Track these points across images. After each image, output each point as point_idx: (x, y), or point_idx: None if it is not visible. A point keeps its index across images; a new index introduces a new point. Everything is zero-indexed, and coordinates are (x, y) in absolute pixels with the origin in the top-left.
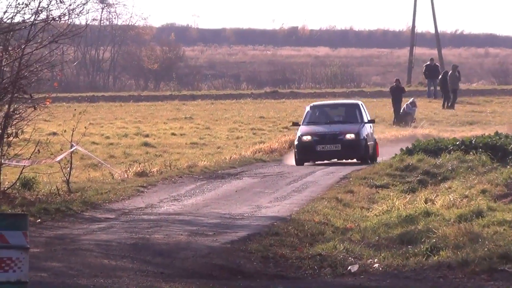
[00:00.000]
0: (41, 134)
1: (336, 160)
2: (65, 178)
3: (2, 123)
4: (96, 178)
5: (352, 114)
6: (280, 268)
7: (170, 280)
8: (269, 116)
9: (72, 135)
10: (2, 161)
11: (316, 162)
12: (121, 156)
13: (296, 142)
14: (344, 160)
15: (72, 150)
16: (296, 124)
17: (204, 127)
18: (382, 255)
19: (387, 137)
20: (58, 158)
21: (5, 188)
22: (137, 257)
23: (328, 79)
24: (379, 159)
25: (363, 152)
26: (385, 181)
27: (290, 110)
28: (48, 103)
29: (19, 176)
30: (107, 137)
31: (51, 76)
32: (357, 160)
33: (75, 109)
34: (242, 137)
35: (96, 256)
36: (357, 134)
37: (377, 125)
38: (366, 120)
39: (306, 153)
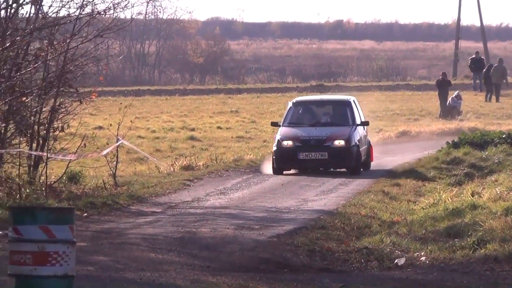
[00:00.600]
0: (87, 128)
1: (322, 169)
2: (111, 172)
3: (48, 117)
4: (142, 172)
5: (342, 114)
6: (326, 261)
7: (217, 274)
8: None
9: (118, 129)
10: (49, 155)
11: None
12: (167, 150)
13: (274, 148)
14: (332, 169)
15: (118, 144)
16: (275, 124)
17: (250, 121)
18: (429, 248)
19: (433, 130)
20: (104, 152)
21: (52, 182)
22: (184, 251)
23: (374, 73)
24: (373, 164)
25: (354, 161)
26: (431, 174)
27: None
28: (94, 97)
29: (66, 170)
30: (153, 131)
31: (97, 70)
32: (347, 170)
33: (121, 103)
34: None
35: (142, 250)
36: (348, 140)
37: (423, 118)
38: (358, 122)
39: (286, 161)
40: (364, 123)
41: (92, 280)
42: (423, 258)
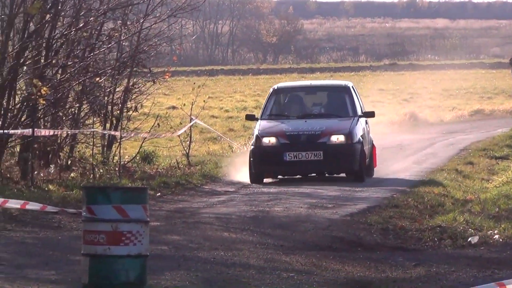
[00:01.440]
0: (160, 108)
1: (314, 174)
2: (184, 152)
3: (122, 97)
4: (216, 151)
5: (339, 103)
6: (400, 240)
7: (290, 253)
8: (388, 88)
9: (191, 109)
10: (122, 135)
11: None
12: (240, 129)
13: (251, 147)
14: (327, 175)
15: (191, 124)
16: (251, 118)
17: None
18: (502, 226)
19: (506, 109)
20: (179, 132)
21: (125, 162)
22: (257, 230)
23: (447, 51)
24: (446, 143)
25: (358, 163)
26: (504, 152)
27: (409, 82)
28: (167, 77)
29: (139, 150)
30: (226, 111)
31: (170, 50)
32: (347, 175)
33: (194, 83)
34: None
35: (216, 229)
36: (349, 134)
37: (497, 97)
38: (360, 113)
39: (268, 163)
40: (368, 114)
41: (165, 260)
42: (496, 236)
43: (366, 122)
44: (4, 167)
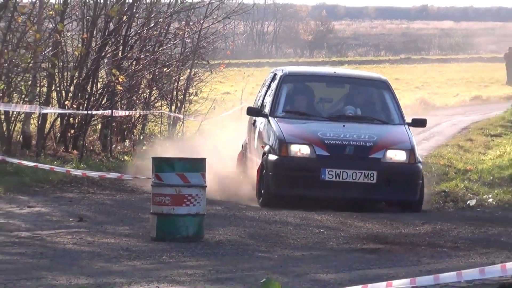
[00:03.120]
0: (216, 94)
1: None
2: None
3: (185, 84)
4: None
5: (379, 104)
6: None
7: (321, 213)
8: (403, 78)
9: (242, 94)
10: (184, 116)
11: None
12: None
13: (271, 157)
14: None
15: (241, 106)
16: (256, 113)
17: None
18: (496, 191)
19: (500, 95)
20: (229, 112)
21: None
22: None
23: (452, 48)
24: (450, 123)
25: (419, 191)
26: (498, 131)
27: (421, 73)
28: (222, 68)
29: (198, 127)
30: None
31: (225, 46)
32: (405, 205)
33: (244, 73)
34: None
35: None
36: (412, 151)
37: (492, 85)
38: (405, 119)
39: (297, 183)
40: (417, 122)
41: (219, 218)
42: (490, 199)
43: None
44: (88, 142)
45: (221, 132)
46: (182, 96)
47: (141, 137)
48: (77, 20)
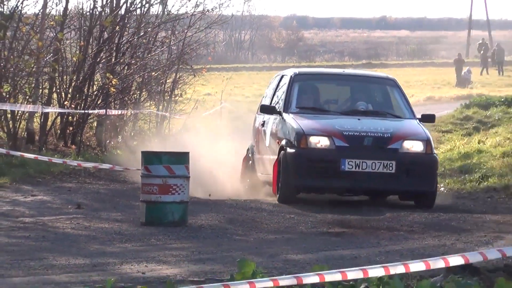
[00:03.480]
0: (198, 95)
1: (379, 194)
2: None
3: (171, 86)
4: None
5: (389, 100)
6: None
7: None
8: None
9: (221, 96)
10: (170, 114)
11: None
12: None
13: (289, 150)
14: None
15: (221, 106)
16: (270, 110)
17: None
18: (447, 181)
19: (451, 96)
20: (207, 113)
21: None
22: (269, 188)
23: (408, 54)
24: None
25: (435, 182)
26: (449, 127)
27: None
28: (204, 72)
29: (183, 125)
30: (247, 96)
31: (206, 52)
32: (420, 198)
33: (223, 76)
34: None
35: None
36: (428, 141)
37: (444, 87)
38: (415, 114)
39: (317, 174)
40: (427, 118)
41: (201, 205)
42: (442, 188)
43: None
44: (85, 137)
45: (203, 128)
46: (168, 97)
47: (132, 134)
48: (75, 30)
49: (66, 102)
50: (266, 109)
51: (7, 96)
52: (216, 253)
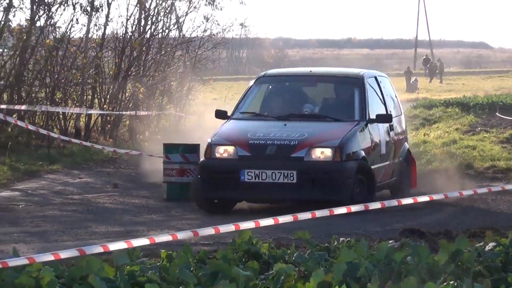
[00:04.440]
0: (207, 99)
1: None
2: None
3: (186, 93)
4: None
5: (345, 101)
6: None
7: None
8: None
9: (225, 100)
10: (185, 114)
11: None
12: None
13: (201, 159)
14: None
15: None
16: (222, 115)
17: None
18: None
19: (401, 99)
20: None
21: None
22: None
23: (369, 67)
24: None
25: (350, 191)
26: None
27: None
28: (211, 81)
29: (195, 123)
30: None
31: (213, 66)
32: (338, 201)
33: (226, 85)
34: None
35: None
36: (339, 147)
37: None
38: (369, 115)
39: (218, 186)
40: (382, 118)
41: None
42: None
43: (392, 129)
44: (120, 133)
45: (211, 126)
46: (184, 101)
47: (156, 130)
48: (111, 50)
49: (105, 106)
50: (219, 114)
51: (60, 101)
52: (223, 220)
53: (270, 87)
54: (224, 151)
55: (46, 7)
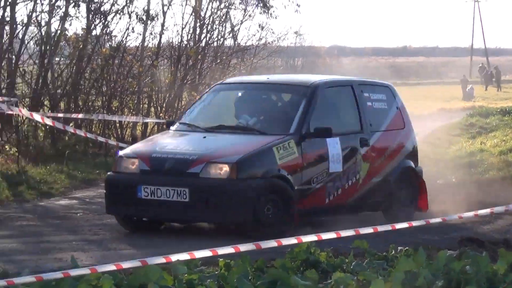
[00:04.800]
0: None
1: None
2: None
3: None
4: None
5: (287, 112)
6: None
7: None
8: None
9: None
10: None
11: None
12: None
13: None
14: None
15: None
16: (168, 124)
17: None
18: (457, 174)
19: (458, 107)
20: None
21: None
22: None
23: (425, 75)
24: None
25: (250, 211)
26: (457, 132)
27: (403, 93)
28: None
29: None
30: None
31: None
32: (236, 226)
33: None
34: None
35: None
36: (238, 164)
37: (453, 100)
38: (307, 128)
39: (117, 201)
40: (320, 132)
41: None
42: (453, 179)
43: (366, 144)
44: None
45: None
46: None
47: None
48: (167, 58)
49: (161, 114)
50: (168, 125)
51: (116, 110)
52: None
53: (219, 96)
54: (128, 164)
55: (102, 16)
